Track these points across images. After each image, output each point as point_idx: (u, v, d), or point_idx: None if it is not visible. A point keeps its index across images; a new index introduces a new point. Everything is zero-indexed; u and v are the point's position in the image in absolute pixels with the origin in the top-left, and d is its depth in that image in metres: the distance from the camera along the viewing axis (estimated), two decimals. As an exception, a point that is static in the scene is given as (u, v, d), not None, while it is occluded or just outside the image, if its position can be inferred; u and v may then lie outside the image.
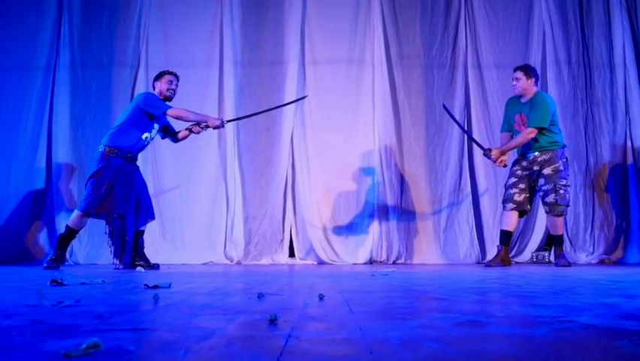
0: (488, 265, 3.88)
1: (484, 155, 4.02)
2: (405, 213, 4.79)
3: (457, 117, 4.84)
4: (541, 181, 3.81)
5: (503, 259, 3.84)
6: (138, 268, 3.46)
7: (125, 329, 0.93)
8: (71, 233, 3.58)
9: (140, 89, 4.73)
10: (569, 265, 3.85)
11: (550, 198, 3.75)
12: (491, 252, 4.66)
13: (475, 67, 4.92)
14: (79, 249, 4.60)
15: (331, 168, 4.83)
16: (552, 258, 4.56)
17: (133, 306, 1.32)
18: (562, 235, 3.94)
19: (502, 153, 3.87)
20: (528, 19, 4.93)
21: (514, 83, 3.90)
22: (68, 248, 3.85)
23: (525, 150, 3.86)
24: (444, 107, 4.29)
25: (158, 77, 3.76)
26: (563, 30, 4.87)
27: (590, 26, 4.88)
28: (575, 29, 4.88)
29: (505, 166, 3.94)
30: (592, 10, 4.88)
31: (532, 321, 1.00)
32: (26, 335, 0.86)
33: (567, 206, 3.82)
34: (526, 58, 4.84)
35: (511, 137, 3.94)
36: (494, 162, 3.89)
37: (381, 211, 4.77)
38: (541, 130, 3.75)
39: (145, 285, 1.88)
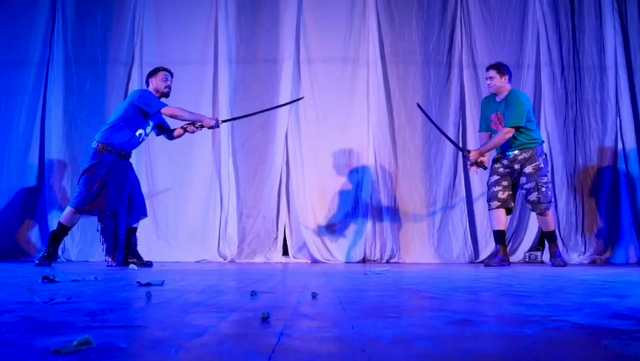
0: (487, 264, 3.87)
1: (463, 156, 4.03)
2: (399, 212, 4.79)
3: (452, 117, 4.86)
4: (523, 180, 3.82)
5: (504, 258, 3.83)
6: (131, 266, 3.45)
7: (116, 326, 0.92)
8: (64, 230, 3.57)
9: (134, 86, 4.71)
10: (565, 265, 3.86)
11: (533, 197, 3.77)
12: (484, 252, 4.68)
13: (471, 66, 4.93)
14: (71, 246, 4.59)
15: (325, 167, 4.83)
16: (545, 258, 4.59)
17: (125, 303, 1.32)
18: (554, 231, 3.94)
19: (481, 154, 3.88)
20: (522, 20, 4.94)
21: (489, 82, 3.91)
22: (60, 245, 3.83)
23: (504, 148, 3.86)
24: (418, 106, 4.28)
25: (152, 74, 3.74)
26: (555, 32, 4.89)
27: (581, 29, 4.90)
28: (566, 31, 4.90)
29: (485, 168, 3.96)
30: (583, 13, 4.90)
31: (524, 320, 1.01)
32: (17, 332, 0.85)
33: (550, 203, 3.83)
34: (521, 59, 4.86)
35: (490, 136, 3.95)
36: (472, 163, 3.89)
37: (375, 210, 4.77)
38: (517, 129, 3.77)
39: (137, 282, 1.88)
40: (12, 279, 2.23)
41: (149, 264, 3.61)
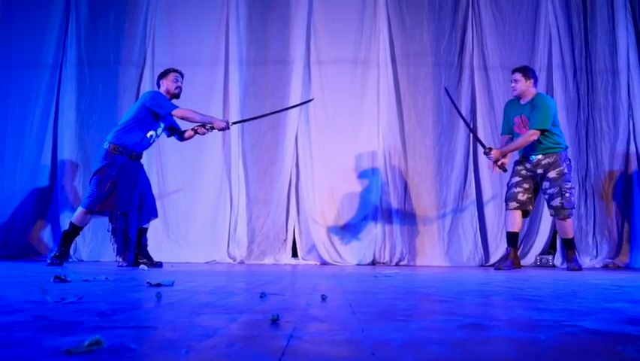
0: (498, 267, 3.84)
1: (485, 154, 4.01)
2: (409, 215, 4.77)
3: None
4: (546, 184, 3.78)
5: (514, 261, 3.81)
6: (141, 266, 3.47)
7: (127, 326, 0.93)
8: (75, 230, 3.60)
9: (146, 87, 4.75)
10: (580, 269, 3.81)
11: (557, 202, 3.73)
12: (495, 255, 4.65)
13: (482, 68, 4.90)
14: (82, 246, 4.62)
15: (335, 169, 4.82)
16: (556, 262, 4.54)
17: (135, 304, 1.33)
18: (572, 239, 3.90)
19: (503, 155, 3.84)
20: (534, 22, 4.89)
21: (513, 84, 3.87)
22: (72, 245, 3.86)
23: (528, 151, 3.82)
24: (445, 91, 4.24)
25: (163, 75, 3.76)
26: (568, 35, 4.84)
27: (593, 31, 4.84)
28: (578, 34, 4.85)
29: (505, 170, 3.92)
30: (596, 15, 4.85)
31: (536, 325, 1.00)
32: (29, 331, 0.86)
33: (573, 209, 3.79)
34: (532, 62, 4.81)
35: (511, 139, 3.91)
36: (494, 162, 3.86)
37: (385, 212, 4.76)
38: (543, 132, 3.73)
39: (148, 283, 1.89)
40: (24, 278, 2.25)
41: (159, 264, 3.63)
